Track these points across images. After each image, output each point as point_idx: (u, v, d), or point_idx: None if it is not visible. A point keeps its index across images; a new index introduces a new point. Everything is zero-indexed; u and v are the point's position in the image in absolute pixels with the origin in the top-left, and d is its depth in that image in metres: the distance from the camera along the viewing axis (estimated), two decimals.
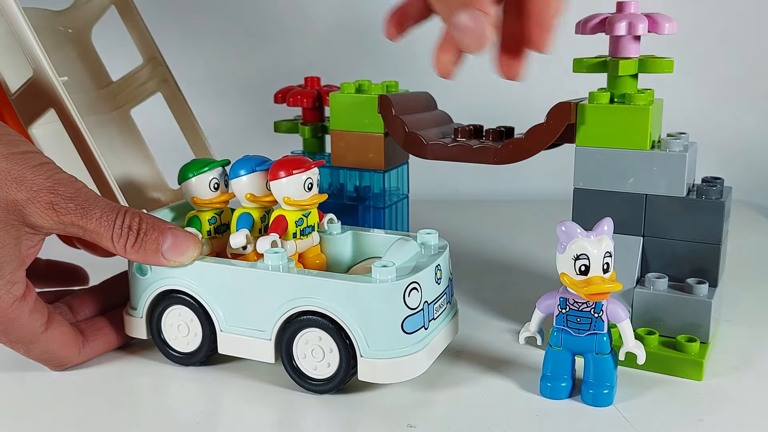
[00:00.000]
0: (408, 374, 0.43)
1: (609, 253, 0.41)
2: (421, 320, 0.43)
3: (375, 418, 0.42)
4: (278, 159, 0.47)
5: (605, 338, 0.42)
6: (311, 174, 0.47)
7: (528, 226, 0.80)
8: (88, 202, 0.43)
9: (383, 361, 0.42)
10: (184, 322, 0.47)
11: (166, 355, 0.48)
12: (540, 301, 0.44)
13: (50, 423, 0.42)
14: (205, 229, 0.49)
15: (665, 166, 0.47)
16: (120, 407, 0.43)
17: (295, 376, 0.45)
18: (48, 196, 0.42)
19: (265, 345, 0.44)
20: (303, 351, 0.44)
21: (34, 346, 0.45)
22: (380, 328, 0.42)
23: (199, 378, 0.47)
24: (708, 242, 0.47)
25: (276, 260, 0.44)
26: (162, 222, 0.45)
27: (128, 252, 0.44)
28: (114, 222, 0.43)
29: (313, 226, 0.49)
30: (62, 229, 0.43)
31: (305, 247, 0.49)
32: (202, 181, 0.48)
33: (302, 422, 0.42)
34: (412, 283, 0.42)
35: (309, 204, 0.47)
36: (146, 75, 0.59)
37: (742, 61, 0.99)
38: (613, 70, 0.47)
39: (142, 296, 0.47)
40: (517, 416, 0.42)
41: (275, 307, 0.44)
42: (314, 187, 0.47)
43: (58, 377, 0.47)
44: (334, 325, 0.42)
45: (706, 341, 0.46)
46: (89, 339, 0.48)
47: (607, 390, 0.42)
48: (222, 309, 0.45)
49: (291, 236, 0.47)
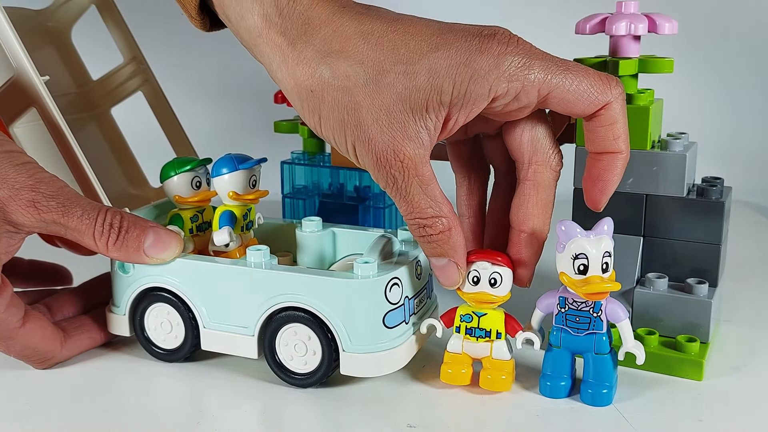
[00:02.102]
0: (389, 368, 0.44)
1: (608, 253, 0.41)
2: (402, 315, 0.44)
3: (375, 417, 0.42)
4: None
5: (604, 338, 0.42)
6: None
7: None
8: (69, 201, 0.43)
9: (365, 355, 0.43)
10: (166, 319, 0.47)
11: (150, 352, 0.49)
12: (540, 300, 0.44)
13: (35, 424, 0.42)
14: (187, 227, 0.49)
15: (665, 166, 0.47)
16: (105, 405, 0.44)
17: (278, 371, 0.45)
18: (29, 194, 0.42)
19: (248, 341, 0.45)
20: (286, 346, 0.45)
21: (13, 342, 0.45)
22: (362, 323, 0.43)
23: (183, 374, 0.47)
24: (708, 242, 0.47)
25: (259, 257, 0.45)
26: (143, 220, 0.45)
27: (110, 250, 0.44)
28: (95, 220, 0.43)
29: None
30: (44, 227, 0.43)
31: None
32: (184, 180, 0.49)
33: (285, 417, 0.43)
34: (393, 279, 0.43)
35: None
36: (127, 74, 0.58)
37: (742, 61, 0.99)
38: (613, 71, 0.47)
39: (125, 294, 0.48)
40: (517, 416, 0.42)
41: (258, 303, 0.44)
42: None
43: (39, 376, 0.47)
44: (316, 320, 0.43)
45: (706, 341, 0.46)
46: (71, 334, 0.48)
47: (606, 390, 0.42)
48: (205, 306, 0.46)
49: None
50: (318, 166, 0.62)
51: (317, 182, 0.62)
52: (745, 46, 0.99)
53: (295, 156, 0.64)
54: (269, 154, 0.51)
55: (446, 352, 0.45)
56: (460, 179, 0.47)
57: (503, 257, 0.43)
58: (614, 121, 0.40)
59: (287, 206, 0.63)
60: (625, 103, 0.40)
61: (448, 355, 0.45)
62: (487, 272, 0.43)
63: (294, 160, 0.63)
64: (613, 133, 0.40)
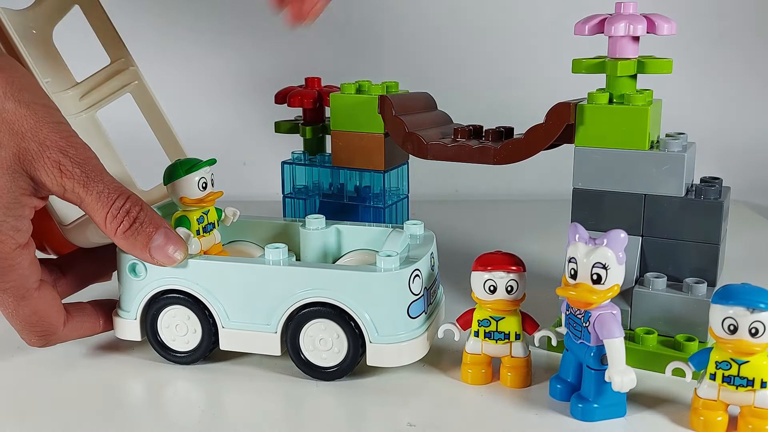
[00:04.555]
0: (413, 357, 0.45)
1: (601, 264, 0.39)
2: (422, 305, 0.45)
3: (375, 417, 0.42)
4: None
5: (592, 353, 0.41)
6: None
7: (527, 226, 0.80)
8: (94, 173, 0.43)
9: (391, 345, 0.44)
10: (182, 321, 0.47)
11: (165, 356, 0.48)
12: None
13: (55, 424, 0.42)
14: (194, 228, 0.49)
15: (664, 167, 0.47)
16: (118, 408, 0.44)
17: (303, 367, 0.46)
18: (57, 155, 0.42)
19: (270, 338, 0.45)
20: (311, 341, 0.45)
21: (25, 303, 0.44)
22: (389, 314, 0.44)
23: (200, 375, 0.47)
24: (706, 242, 0.47)
25: (277, 255, 0.45)
26: (160, 219, 0.45)
27: (117, 236, 0.44)
28: (114, 202, 0.43)
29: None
30: (62, 192, 0.43)
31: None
32: (191, 181, 0.48)
33: (307, 413, 0.43)
34: (415, 270, 0.45)
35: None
36: (114, 76, 0.57)
37: (742, 61, 0.99)
38: (612, 71, 0.47)
39: (136, 298, 0.47)
40: (517, 416, 0.42)
41: (281, 300, 0.45)
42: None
43: (52, 382, 0.47)
44: (341, 314, 0.44)
45: (704, 341, 0.47)
46: (73, 315, 0.47)
47: (597, 407, 0.41)
48: (224, 305, 0.46)
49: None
50: (318, 166, 0.62)
51: (317, 182, 0.63)
52: (743, 46, 0.99)
53: (296, 156, 0.64)
54: (269, 154, 0.51)
55: (465, 353, 0.46)
56: None
57: (516, 264, 0.44)
58: None
59: (288, 206, 0.63)
60: None
61: (468, 356, 0.45)
62: (503, 281, 0.43)
63: (294, 160, 0.64)
64: None
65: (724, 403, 0.40)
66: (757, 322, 0.38)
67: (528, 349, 0.45)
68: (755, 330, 0.38)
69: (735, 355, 0.39)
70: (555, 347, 0.49)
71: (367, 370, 0.47)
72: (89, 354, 0.50)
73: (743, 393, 0.39)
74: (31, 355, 0.50)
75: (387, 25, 1.01)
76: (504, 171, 0.72)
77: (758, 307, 0.37)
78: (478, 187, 0.96)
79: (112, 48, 0.57)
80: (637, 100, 0.47)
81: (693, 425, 0.41)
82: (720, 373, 0.39)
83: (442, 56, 1.01)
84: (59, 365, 0.49)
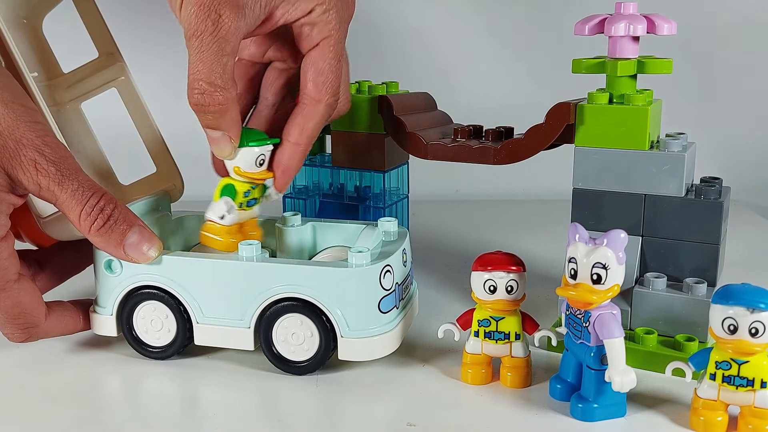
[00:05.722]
0: (383, 351, 0.45)
1: (601, 264, 0.39)
2: (394, 300, 0.46)
3: (375, 416, 0.42)
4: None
5: (592, 353, 0.41)
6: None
7: (527, 226, 0.80)
8: (69, 171, 0.43)
9: (361, 340, 0.45)
10: (156, 316, 0.48)
11: (140, 351, 0.49)
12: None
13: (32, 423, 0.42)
14: (238, 200, 0.49)
15: (664, 167, 0.47)
16: (98, 405, 0.44)
17: (275, 361, 0.46)
18: (33, 153, 0.43)
19: (244, 333, 0.46)
20: (283, 336, 0.46)
21: (6, 295, 0.44)
22: (359, 310, 0.45)
23: (175, 371, 0.48)
24: (706, 242, 0.47)
25: (251, 251, 0.46)
26: (134, 216, 0.45)
27: (91, 233, 0.44)
28: (88, 199, 0.43)
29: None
30: (37, 190, 0.43)
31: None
32: (251, 154, 0.48)
33: (283, 414, 0.43)
34: (386, 266, 0.45)
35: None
36: (100, 69, 0.57)
37: (741, 61, 0.99)
38: (612, 71, 0.48)
39: (112, 294, 0.48)
40: (517, 416, 0.42)
41: (254, 295, 0.45)
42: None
43: (29, 380, 0.47)
44: (313, 309, 0.45)
45: (704, 341, 0.47)
46: (54, 310, 0.48)
47: (597, 407, 0.41)
48: (198, 301, 0.46)
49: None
50: (318, 166, 0.62)
51: (318, 182, 0.63)
52: (743, 46, 0.99)
53: None
54: None
55: (465, 353, 0.46)
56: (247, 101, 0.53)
57: (516, 264, 0.44)
58: (310, 119, 0.48)
59: (288, 206, 0.63)
60: (328, 119, 0.48)
61: (468, 356, 0.45)
62: (503, 281, 0.43)
63: None
64: (302, 127, 0.47)
65: (724, 403, 0.40)
66: (757, 322, 0.37)
67: (528, 349, 0.45)
68: (755, 330, 0.38)
69: (735, 355, 0.39)
70: (555, 347, 0.49)
71: (367, 369, 0.47)
72: (70, 350, 0.51)
73: (743, 393, 0.39)
74: (13, 350, 0.50)
75: (387, 25, 1.01)
76: (504, 171, 0.72)
77: (758, 307, 0.37)
78: (478, 187, 0.96)
79: (100, 42, 0.57)
80: (637, 100, 0.47)
81: (693, 425, 0.41)
82: (720, 373, 0.39)
83: (442, 56, 1.01)
84: (43, 362, 0.49)
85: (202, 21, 0.42)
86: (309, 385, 0.45)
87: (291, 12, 0.45)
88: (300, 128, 0.48)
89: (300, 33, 0.47)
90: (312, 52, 0.47)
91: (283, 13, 0.45)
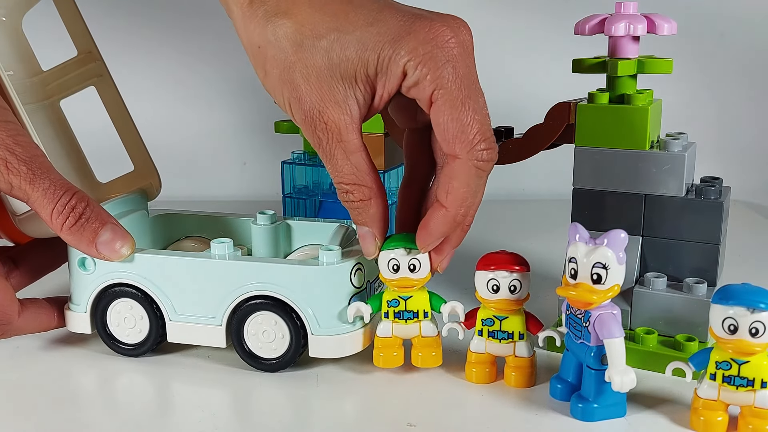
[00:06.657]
0: (353, 349, 0.46)
1: (601, 264, 0.39)
2: (365, 298, 0.46)
3: (375, 416, 0.42)
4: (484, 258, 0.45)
5: (592, 353, 0.41)
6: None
7: (527, 226, 0.80)
8: (41, 170, 0.43)
9: (332, 337, 0.45)
10: (130, 314, 0.48)
11: (113, 348, 0.49)
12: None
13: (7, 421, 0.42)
14: (383, 310, 0.46)
15: (664, 166, 0.47)
16: (71, 402, 0.44)
17: (247, 359, 0.47)
18: (4, 153, 0.43)
19: (216, 330, 0.46)
20: (254, 334, 0.46)
21: None
22: (329, 307, 0.45)
23: (147, 368, 0.48)
24: (707, 242, 0.47)
25: (223, 249, 0.46)
26: (106, 214, 0.45)
27: (63, 231, 0.44)
28: (59, 198, 0.43)
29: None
30: (9, 189, 0.43)
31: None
32: (383, 258, 0.45)
33: (256, 403, 0.43)
34: (357, 264, 0.45)
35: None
36: (79, 67, 0.57)
37: (741, 61, 0.99)
38: (612, 71, 0.48)
39: (86, 291, 0.48)
40: (518, 416, 0.42)
41: (226, 293, 0.46)
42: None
43: (2, 377, 0.47)
44: (283, 307, 0.45)
45: (704, 341, 0.47)
46: (28, 307, 0.48)
47: (597, 407, 0.41)
48: (171, 299, 0.47)
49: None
50: (318, 166, 0.62)
51: (318, 182, 0.63)
52: (743, 46, 0.99)
53: (296, 156, 0.64)
54: (269, 154, 0.51)
55: (470, 352, 0.46)
56: (406, 168, 0.48)
57: (520, 264, 0.44)
58: (452, 177, 0.41)
59: (288, 206, 0.63)
60: (479, 172, 0.41)
61: (472, 355, 0.45)
62: (506, 280, 0.43)
63: (294, 160, 0.64)
64: (446, 187, 0.41)
65: (724, 403, 0.40)
66: (757, 322, 0.37)
67: (532, 349, 0.45)
68: (755, 330, 0.38)
69: (735, 355, 0.39)
70: (559, 348, 0.49)
71: (368, 369, 0.47)
72: (45, 347, 0.51)
73: (743, 393, 0.39)
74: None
75: None
76: (504, 171, 0.72)
77: (758, 307, 0.37)
78: None
79: (79, 40, 0.57)
80: (638, 100, 0.47)
81: (693, 425, 0.41)
82: (720, 373, 0.39)
83: None
84: (17, 358, 0.49)
85: (313, 133, 0.42)
86: (307, 384, 0.45)
87: (390, 82, 0.40)
88: (444, 190, 0.42)
89: (412, 97, 0.41)
90: (431, 112, 0.41)
91: (383, 85, 0.41)
